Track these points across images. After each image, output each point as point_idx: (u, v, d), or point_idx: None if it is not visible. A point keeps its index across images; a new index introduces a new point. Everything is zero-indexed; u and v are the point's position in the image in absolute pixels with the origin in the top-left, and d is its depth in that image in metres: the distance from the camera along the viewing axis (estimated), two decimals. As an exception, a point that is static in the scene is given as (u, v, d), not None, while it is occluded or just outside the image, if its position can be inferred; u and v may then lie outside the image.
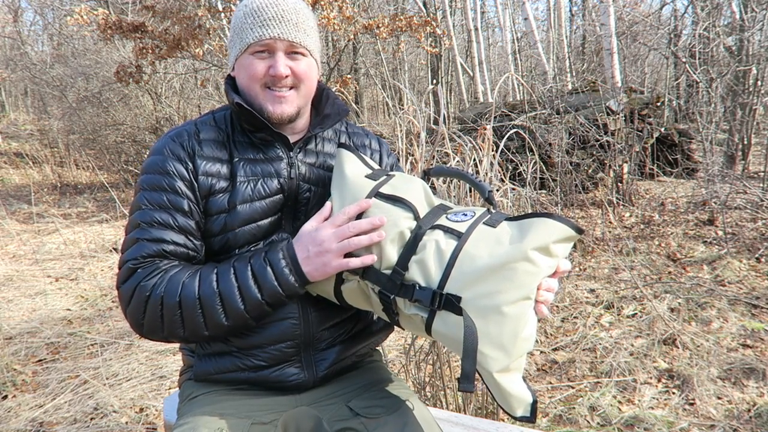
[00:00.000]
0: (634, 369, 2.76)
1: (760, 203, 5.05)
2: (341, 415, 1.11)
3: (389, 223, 1.01)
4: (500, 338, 0.92)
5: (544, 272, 0.96)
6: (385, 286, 0.99)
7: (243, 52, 1.11)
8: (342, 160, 1.12)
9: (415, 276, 0.97)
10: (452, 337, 0.95)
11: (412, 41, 11.96)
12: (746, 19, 6.73)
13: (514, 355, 0.94)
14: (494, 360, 0.93)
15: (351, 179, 1.08)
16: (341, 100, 1.24)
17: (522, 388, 0.97)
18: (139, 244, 1.05)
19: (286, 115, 1.12)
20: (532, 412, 0.98)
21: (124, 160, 9.57)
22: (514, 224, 0.99)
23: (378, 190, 1.05)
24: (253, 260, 1.05)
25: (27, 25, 19.47)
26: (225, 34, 7.01)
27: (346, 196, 1.07)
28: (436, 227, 1.01)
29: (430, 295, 0.95)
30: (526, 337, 0.95)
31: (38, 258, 5.23)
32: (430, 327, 0.97)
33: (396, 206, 1.03)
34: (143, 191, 1.08)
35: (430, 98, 5.01)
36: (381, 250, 1.00)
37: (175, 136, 1.12)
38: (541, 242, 0.94)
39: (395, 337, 3.18)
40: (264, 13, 1.09)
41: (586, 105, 6.27)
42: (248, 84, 1.11)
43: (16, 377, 2.85)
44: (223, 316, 1.02)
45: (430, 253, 0.97)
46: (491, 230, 0.98)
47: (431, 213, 1.04)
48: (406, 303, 0.99)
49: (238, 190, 1.09)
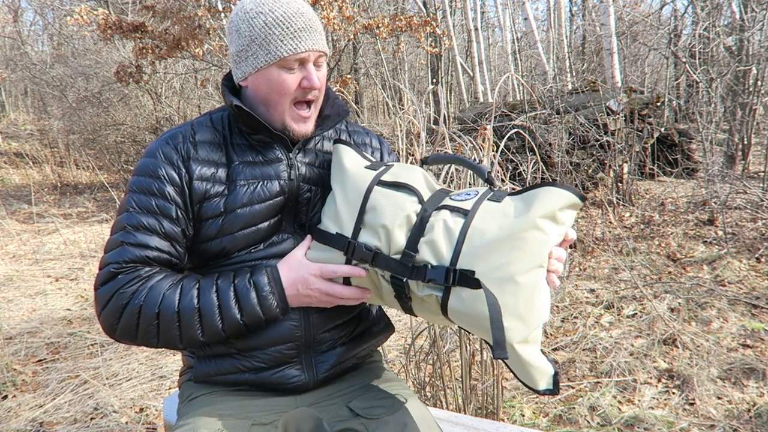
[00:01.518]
0: (634, 369, 2.76)
1: (760, 203, 5.05)
2: (341, 416, 1.11)
3: (394, 208, 1.01)
4: (517, 308, 0.93)
5: (554, 240, 0.96)
6: (396, 270, 0.99)
7: (270, 65, 1.07)
8: (340, 155, 1.12)
9: (426, 256, 0.97)
10: (470, 312, 0.95)
11: (412, 41, 11.96)
12: (746, 19, 6.73)
13: (532, 324, 0.95)
14: (513, 331, 0.93)
15: (351, 171, 1.09)
16: (341, 100, 1.24)
17: (542, 360, 0.98)
18: (122, 248, 1.03)
19: (309, 133, 1.14)
20: (555, 384, 0.98)
21: (124, 160, 9.57)
22: (518, 197, 1.00)
23: (380, 178, 1.06)
24: (237, 281, 1.05)
25: (27, 25, 19.48)
26: (225, 34, 7.01)
27: (348, 188, 1.07)
28: (442, 208, 1.02)
29: (444, 273, 0.95)
30: (541, 305, 0.96)
31: (38, 258, 5.23)
32: (446, 306, 0.97)
33: (400, 191, 1.03)
34: (133, 193, 1.07)
35: (430, 98, 5.01)
36: (389, 235, 1.00)
37: (170, 138, 1.11)
38: (548, 210, 0.95)
39: (395, 337, 3.18)
40: (294, 23, 1.05)
41: (586, 105, 6.27)
42: (276, 99, 1.09)
43: (16, 377, 2.85)
44: (200, 332, 1.03)
45: (439, 232, 0.98)
46: (497, 205, 0.99)
47: (434, 196, 1.05)
48: (419, 285, 0.99)
49: (238, 194, 1.08)
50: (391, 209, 1.01)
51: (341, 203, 1.06)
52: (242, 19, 1.07)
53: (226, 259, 1.11)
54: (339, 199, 1.07)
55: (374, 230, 1.02)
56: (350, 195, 1.06)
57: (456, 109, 12.34)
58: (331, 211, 1.08)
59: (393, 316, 3.48)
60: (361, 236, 1.03)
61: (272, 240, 1.12)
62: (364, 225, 1.03)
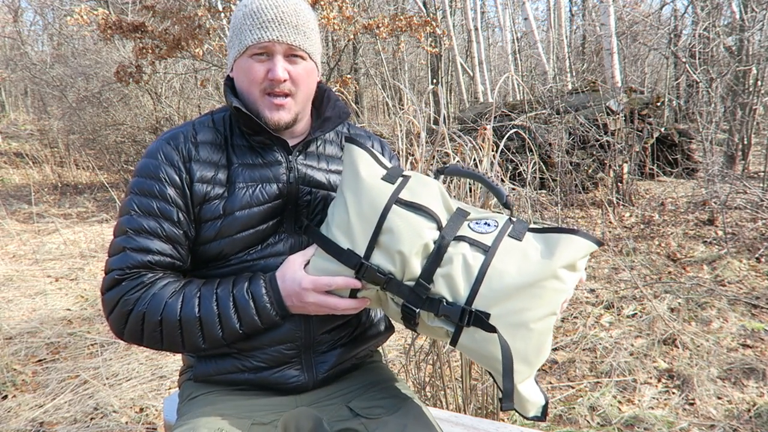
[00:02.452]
0: (634, 369, 2.76)
1: (760, 203, 5.05)
2: (341, 416, 1.11)
3: (412, 234, 0.98)
4: (526, 353, 0.95)
5: (570, 289, 0.97)
6: (408, 299, 0.98)
7: (241, 54, 1.09)
8: (354, 158, 1.06)
9: (441, 290, 0.96)
10: (480, 351, 0.96)
11: (412, 41, 11.96)
12: (746, 19, 6.73)
13: (536, 366, 0.98)
14: (519, 373, 0.95)
15: (367, 182, 1.02)
16: (342, 102, 1.23)
17: (536, 391, 1.00)
18: (124, 254, 1.04)
19: (284, 122, 1.11)
20: (543, 413, 1.01)
21: (124, 160, 9.56)
22: (539, 237, 0.99)
23: (398, 195, 1.01)
24: (236, 290, 1.05)
25: (27, 25, 19.47)
26: (225, 34, 7.01)
27: (363, 202, 1.01)
28: (461, 239, 0.99)
29: (459, 312, 0.94)
30: (546, 349, 0.98)
31: (38, 258, 5.23)
32: (456, 341, 0.97)
33: (418, 215, 0.99)
34: (134, 195, 1.07)
35: (430, 98, 5.01)
36: (405, 262, 0.97)
37: (171, 138, 1.10)
38: (570, 260, 0.96)
39: (395, 337, 3.18)
40: (263, 14, 1.07)
41: (586, 105, 6.28)
42: (247, 87, 1.10)
43: (16, 377, 2.85)
44: (201, 339, 1.04)
45: (458, 268, 0.96)
46: (517, 243, 0.98)
47: (452, 221, 1.02)
48: (430, 316, 0.98)
49: (237, 196, 1.08)
50: (409, 235, 0.97)
51: (355, 217, 1.00)
52: (234, 13, 1.12)
53: (224, 261, 1.11)
54: (353, 212, 1.01)
55: (389, 254, 0.98)
56: (365, 210, 1.00)
57: (456, 109, 12.34)
58: (343, 222, 1.02)
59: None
60: (374, 257, 0.99)
61: (269, 241, 1.12)
62: (378, 245, 0.99)
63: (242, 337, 1.06)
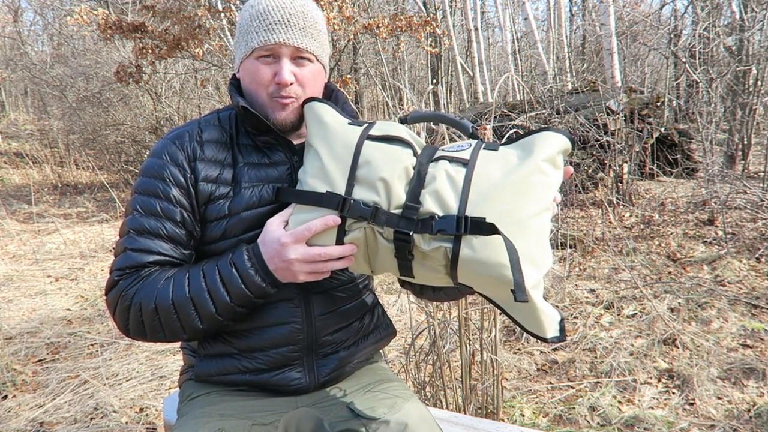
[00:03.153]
0: (634, 369, 2.76)
1: (760, 203, 5.05)
2: (342, 416, 1.11)
3: (391, 160, 0.97)
4: (529, 252, 0.92)
5: (555, 183, 0.97)
6: (399, 225, 0.94)
7: (248, 56, 1.09)
8: (317, 112, 1.06)
9: (431, 207, 0.94)
10: (484, 260, 0.92)
11: (412, 41, 11.96)
12: (746, 19, 6.73)
13: (542, 268, 0.94)
14: (528, 275, 0.91)
15: (335, 127, 1.02)
16: (350, 104, 1.22)
17: (549, 306, 0.97)
18: (125, 254, 1.04)
19: (289, 122, 1.11)
20: (561, 330, 0.97)
21: (124, 160, 9.57)
22: (514, 145, 0.99)
23: (368, 132, 1.01)
24: (220, 263, 1.03)
25: (27, 25, 19.49)
26: (225, 34, 7.02)
27: (334, 144, 1.00)
28: (439, 159, 0.99)
29: (454, 222, 0.91)
30: (547, 249, 0.96)
31: (38, 258, 5.23)
32: (457, 256, 0.92)
33: (393, 144, 1.00)
34: (138, 195, 1.07)
35: (430, 98, 5.01)
36: (389, 188, 0.95)
37: (176, 138, 1.10)
38: (549, 153, 0.96)
39: (395, 336, 3.18)
40: (270, 16, 1.07)
41: (586, 105, 6.28)
42: (254, 89, 1.10)
43: (16, 377, 2.85)
44: (198, 320, 1.03)
45: (443, 182, 0.94)
46: (495, 153, 0.98)
47: (425, 150, 1.02)
48: (425, 238, 0.94)
49: (242, 196, 1.08)
50: (388, 162, 0.97)
51: (328, 160, 0.99)
52: (241, 13, 1.12)
53: None
54: (325, 156, 0.99)
55: (371, 185, 0.96)
56: (338, 150, 0.99)
57: (456, 109, 12.34)
58: (316, 170, 0.99)
59: (393, 316, 3.48)
60: (356, 192, 0.96)
61: None
62: (357, 181, 0.97)
63: (238, 312, 1.04)
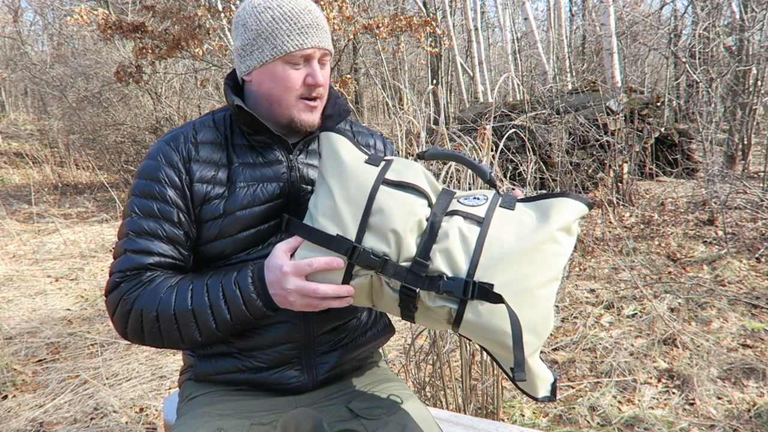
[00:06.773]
0: (634, 369, 2.76)
1: (760, 203, 5.05)
2: (341, 416, 1.11)
3: (405, 212, 0.94)
4: (534, 322, 0.91)
5: (568, 252, 0.95)
6: (406, 279, 0.92)
7: (275, 60, 1.07)
8: (334, 145, 1.03)
9: (440, 266, 0.92)
10: (486, 326, 0.91)
11: (412, 41, 11.96)
12: (746, 19, 6.73)
13: (544, 337, 0.94)
14: (528, 345, 0.91)
15: (351, 165, 0.99)
16: (344, 100, 1.23)
17: (544, 367, 0.97)
18: (125, 256, 1.05)
19: (316, 123, 1.13)
20: (553, 391, 0.97)
21: (124, 160, 9.57)
22: (531, 205, 0.98)
23: (384, 176, 0.98)
24: (225, 281, 1.03)
25: (27, 25, 19.48)
26: (225, 34, 7.01)
27: (349, 185, 0.97)
28: (453, 213, 0.96)
29: (462, 285, 0.90)
30: (551, 316, 0.95)
31: (38, 258, 5.23)
32: (461, 319, 0.92)
33: (407, 193, 0.96)
34: (135, 197, 1.08)
35: (430, 98, 5.01)
36: (400, 241, 0.93)
37: (171, 140, 1.11)
38: (565, 222, 0.94)
39: (395, 337, 3.18)
40: (301, 19, 1.06)
41: (586, 105, 6.28)
42: (280, 94, 1.09)
43: (16, 377, 2.85)
44: (197, 332, 1.03)
45: (455, 241, 0.92)
46: (510, 213, 0.96)
47: (441, 199, 0.99)
48: (431, 296, 0.93)
49: (237, 196, 1.08)
50: (402, 213, 0.94)
51: (342, 201, 0.96)
52: (249, 13, 1.08)
53: (225, 261, 1.11)
54: (339, 197, 0.96)
55: (382, 235, 0.94)
56: (353, 193, 0.96)
57: (456, 109, 12.35)
58: (329, 209, 0.97)
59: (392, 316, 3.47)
60: (366, 240, 0.94)
61: (270, 241, 1.11)
62: (369, 228, 0.94)
63: (237, 329, 1.05)
